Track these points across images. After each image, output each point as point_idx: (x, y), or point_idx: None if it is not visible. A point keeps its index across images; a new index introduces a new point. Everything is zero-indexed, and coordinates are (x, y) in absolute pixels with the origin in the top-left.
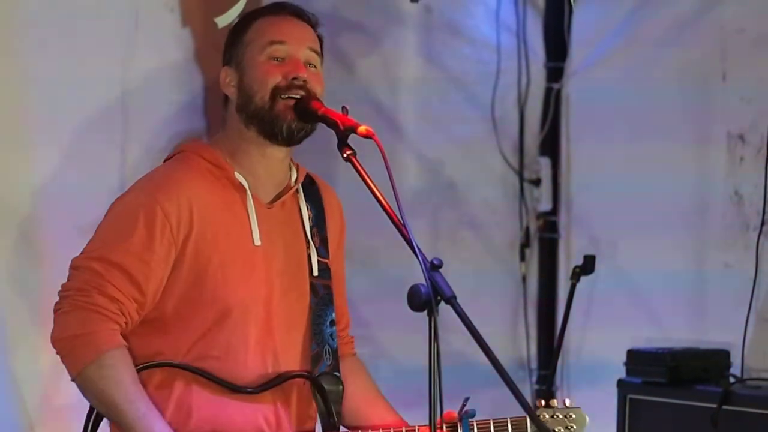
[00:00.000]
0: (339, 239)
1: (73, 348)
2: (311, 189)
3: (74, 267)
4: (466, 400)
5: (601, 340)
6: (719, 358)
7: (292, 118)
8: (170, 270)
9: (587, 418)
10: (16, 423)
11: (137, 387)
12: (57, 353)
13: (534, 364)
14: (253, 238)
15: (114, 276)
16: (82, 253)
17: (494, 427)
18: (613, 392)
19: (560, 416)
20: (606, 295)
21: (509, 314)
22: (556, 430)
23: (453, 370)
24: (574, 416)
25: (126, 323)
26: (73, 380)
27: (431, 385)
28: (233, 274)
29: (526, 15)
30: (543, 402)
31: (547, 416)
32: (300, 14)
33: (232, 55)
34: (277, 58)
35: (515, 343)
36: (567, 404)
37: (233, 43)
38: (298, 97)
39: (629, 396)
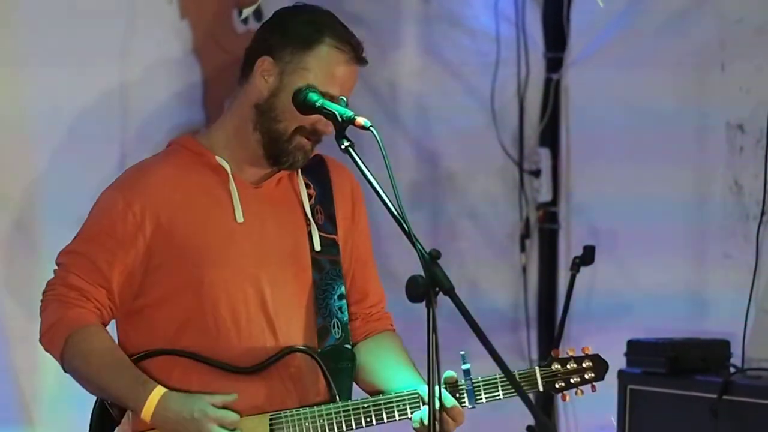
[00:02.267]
0: (352, 216)
1: (50, 339)
2: (318, 168)
3: (56, 265)
4: (463, 356)
5: (601, 331)
6: (719, 348)
7: (300, 157)
8: (142, 257)
9: (607, 363)
10: (16, 418)
11: (111, 352)
12: (45, 351)
13: (534, 355)
14: (235, 216)
15: (78, 265)
16: (61, 250)
17: (501, 381)
18: (613, 383)
19: (574, 365)
20: (606, 286)
21: (509, 305)
22: (572, 379)
23: (452, 361)
24: (591, 363)
25: (98, 308)
26: (64, 371)
27: (430, 376)
28: (212, 252)
29: (525, 5)
30: (558, 352)
31: (558, 366)
32: (359, 59)
33: (285, 55)
34: None
35: (515, 334)
36: (585, 352)
37: (291, 44)
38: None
39: (629, 386)
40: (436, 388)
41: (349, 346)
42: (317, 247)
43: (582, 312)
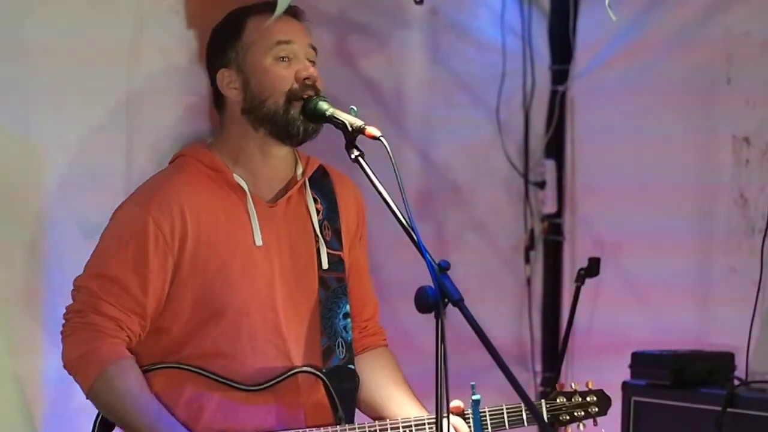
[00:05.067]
0: (356, 230)
1: (79, 368)
2: (323, 182)
3: (75, 287)
4: (473, 387)
5: (606, 343)
6: (724, 360)
7: (304, 120)
8: (170, 279)
9: (610, 399)
10: (20, 428)
11: (146, 394)
12: (69, 375)
13: (538, 367)
14: (254, 239)
15: (109, 292)
16: (83, 272)
17: (507, 412)
18: (617, 395)
19: (579, 399)
20: (610, 298)
21: (514, 316)
22: (576, 413)
23: (458, 371)
24: (595, 398)
25: (129, 337)
26: (87, 398)
27: (438, 387)
28: (234, 276)
29: (532, 17)
30: (563, 385)
31: (564, 400)
32: (294, 13)
33: (230, 57)
34: (283, 58)
35: (520, 346)
36: (589, 386)
37: (228, 44)
38: (307, 97)
39: (634, 398)
40: (443, 410)
41: (352, 366)
42: (325, 265)
43: (586, 324)
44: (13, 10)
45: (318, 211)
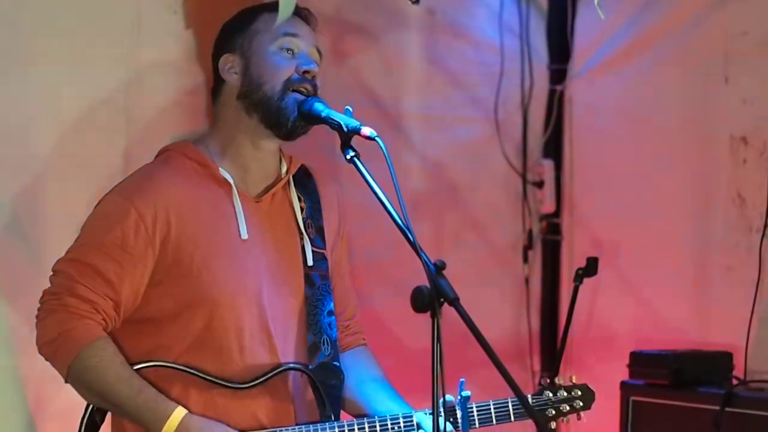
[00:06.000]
0: (338, 229)
1: (55, 350)
2: (306, 181)
3: (53, 272)
4: (462, 383)
5: (604, 342)
6: (722, 360)
7: (297, 116)
8: (150, 271)
9: (595, 393)
10: (17, 425)
11: (126, 368)
12: (45, 359)
13: (537, 367)
14: (240, 232)
15: (86, 276)
16: (61, 257)
17: (494, 408)
18: (615, 394)
19: (564, 394)
20: (609, 297)
21: (512, 316)
22: (562, 408)
23: (455, 369)
24: (580, 393)
25: (104, 320)
26: (66, 382)
27: (434, 387)
28: (219, 269)
29: (529, 17)
30: (547, 380)
31: (549, 395)
32: (306, 18)
33: (236, 43)
34: (288, 49)
35: (518, 345)
36: (573, 381)
37: (237, 31)
38: (304, 91)
39: (632, 398)
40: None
41: (337, 363)
42: (309, 262)
43: (585, 323)
44: (10, 10)
45: (302, 209)
